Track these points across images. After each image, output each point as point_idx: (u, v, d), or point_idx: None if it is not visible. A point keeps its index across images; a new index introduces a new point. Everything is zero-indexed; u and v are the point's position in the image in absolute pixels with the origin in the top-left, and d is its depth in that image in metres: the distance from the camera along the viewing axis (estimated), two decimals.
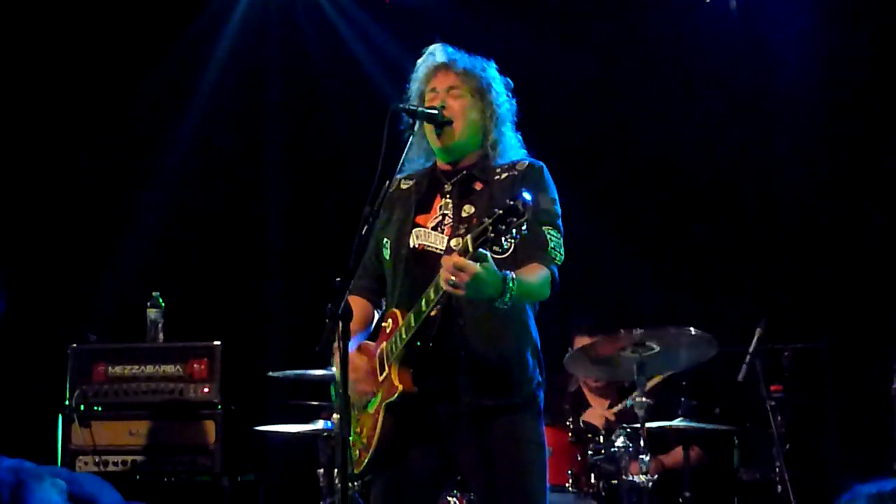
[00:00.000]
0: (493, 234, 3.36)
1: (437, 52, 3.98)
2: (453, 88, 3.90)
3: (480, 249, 3.41)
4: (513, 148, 3.95)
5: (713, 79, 6.88)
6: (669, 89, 6.93)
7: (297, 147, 7.52)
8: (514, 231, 3.35)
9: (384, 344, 3.81)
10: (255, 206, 7.49)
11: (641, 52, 6.99)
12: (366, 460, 3.82)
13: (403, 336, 3.71)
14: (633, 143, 7.00)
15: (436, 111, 3.84)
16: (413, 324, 3.68)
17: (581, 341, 6.17)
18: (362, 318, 3.94)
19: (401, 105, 3.85)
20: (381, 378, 3.80)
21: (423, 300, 3.63)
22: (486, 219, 3.39)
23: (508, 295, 3.53)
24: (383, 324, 3.88)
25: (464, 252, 3.43)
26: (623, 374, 5.78)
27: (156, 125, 7.44)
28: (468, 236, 3.44)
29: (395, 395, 3.73)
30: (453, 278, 3.43)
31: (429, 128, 3.89)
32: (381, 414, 3.77)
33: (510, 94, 3.99)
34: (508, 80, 4.00)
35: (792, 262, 6.70)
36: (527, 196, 3.35)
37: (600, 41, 7.02)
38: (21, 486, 2.53)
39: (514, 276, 3.56)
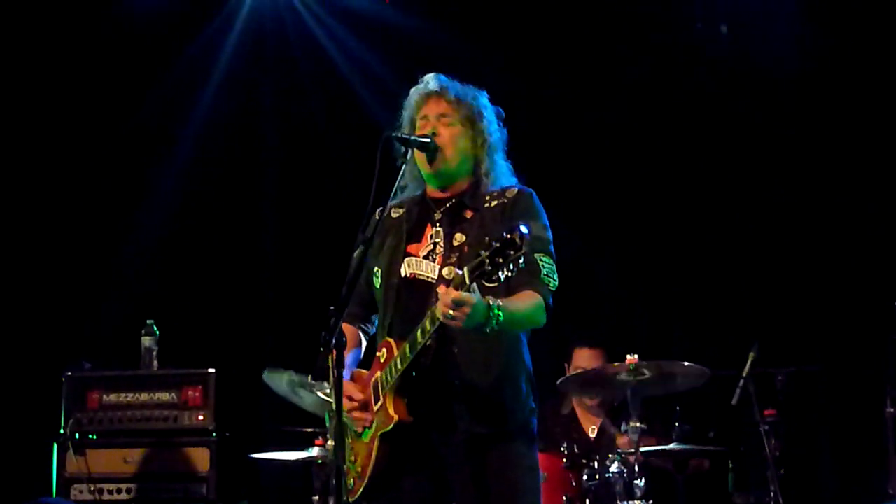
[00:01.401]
0: (489, 267, 3.35)
1: (429, 80, 3.98)
2: (444, 116, 3.90)
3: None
4: (504, 175, 3.95)
5: (705, 104, 6.91)
6: (662, 115, 6.96)
7: (292, 175, 7.53)
8: (510, 264, 3.34)
9: (378, 373, 3.80)
10: (250, 234, 7.49)
11: (634, 78, 7.02)
12: (360, 489, 3.81)
13: (399, 366, 3.70)
14: (627, 165, 7.02)
15: (428, 139, 3.85)
16: (409, 354, 3.67)
17: (581, 353, 6.20)
18: (351, 345, 3.94)
19: (394, 133, 3.86)
20: (375, 408, 3.79)
21: (420, 331, 3.62)
22: (483, 251, 3.37)
23: (494, 321, 3.51)
24: (377, 353, 3.87)
25: (460, 285, 3.42)
26: (617, 395, 5.86)
27: (149, 153, 7.44)
28: (465, 268, 3.42)
29: (391, 425, 3.72)
30: (451, 312, 3.43)
31: (420, 155, 3.90)
32: (376, 443, 3.76)
33: (501, 123, 3.99)
34: (500, 109, 4.01)
35: (785, 286, 6.71)
36: (524, 229, 3.32)
37: (594, 67, 7.06)
38: None
39: (500, 303, 3.54)
